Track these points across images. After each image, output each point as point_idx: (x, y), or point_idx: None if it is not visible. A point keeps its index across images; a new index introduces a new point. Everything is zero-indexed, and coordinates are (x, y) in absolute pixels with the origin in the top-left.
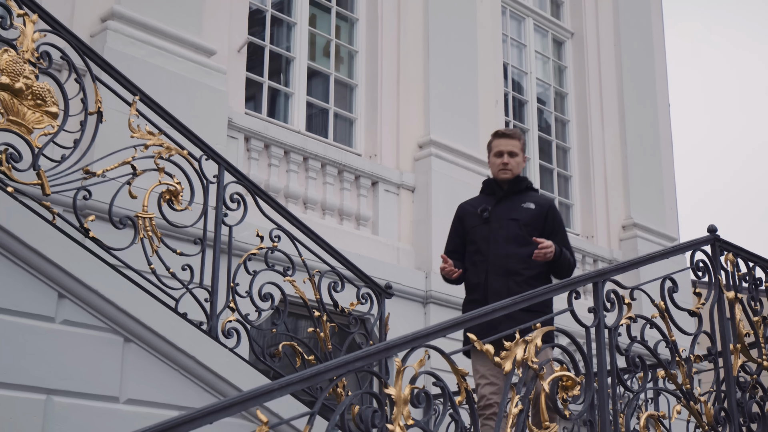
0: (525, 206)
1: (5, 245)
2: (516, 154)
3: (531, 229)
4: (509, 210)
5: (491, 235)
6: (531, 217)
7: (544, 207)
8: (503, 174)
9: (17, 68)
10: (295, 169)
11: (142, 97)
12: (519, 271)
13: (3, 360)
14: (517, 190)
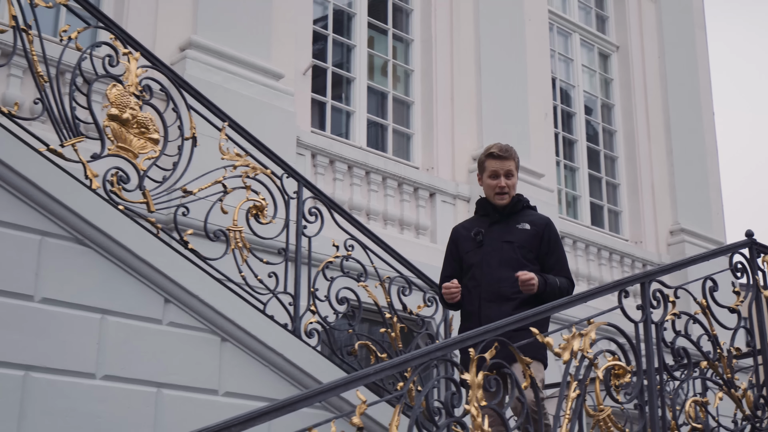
0: (520, 227)
1: (119, 257)
2: (512, 175)
3: (526, 251)
4: (503, 232)
5: (484, 260)
6: (526, 239)
7: (539, 227)
8: (500, 199)
9: (124, 101)
10: (358, 182)
11: (231, 122)
12: (511, 296)
13: (118, 357)
14: (514, 211)
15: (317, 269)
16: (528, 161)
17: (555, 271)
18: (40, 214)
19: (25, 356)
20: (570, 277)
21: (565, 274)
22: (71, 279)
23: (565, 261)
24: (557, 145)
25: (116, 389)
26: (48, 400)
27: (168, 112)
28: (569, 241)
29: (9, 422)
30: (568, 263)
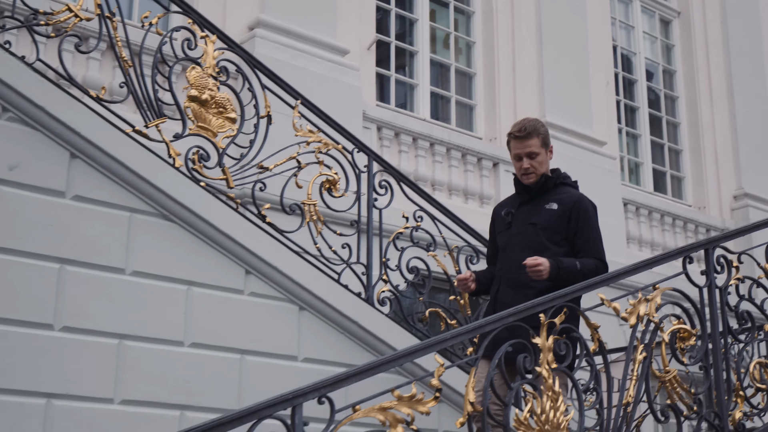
0: (547, 207)
1: (202, 231)
2: (536, 154)
3: (551, 233)
4: (530, 213)
5: (509, 243)
6: (551, 220)
7: (567, 206)
8: (527, 179)
9: (203, 82)
10: (423, 154)
11: (303, 100)
12: (530, 283)
13: (204, 326)
14: (545, 190)
15: (388, 240)
16: (590, 129)
17: (584, 252)
18: (129, 192)
19: (119, 326)
20: (602, 257)
21: (595, 255)
22: (158, 252)
23: (597, 241)
24: (619, 112)
25: (203, 356)
26: (141, 366)
27: (244, 92)
28: (632, 207)
29: (106, 387)
30: (600, 240)
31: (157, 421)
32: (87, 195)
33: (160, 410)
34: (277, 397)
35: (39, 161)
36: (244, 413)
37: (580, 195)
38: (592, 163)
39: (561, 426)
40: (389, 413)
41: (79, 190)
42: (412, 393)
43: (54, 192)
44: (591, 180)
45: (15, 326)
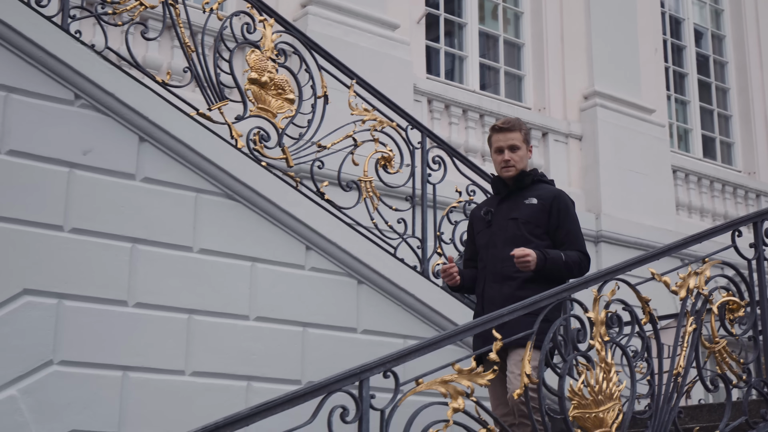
0: (527, 202)
1: (264, 209)
2: (518, 148)
3: (532, 227)
4: (510, 209)
5: (491, 240)
6: (532, 214)
7: (546, 200)
8: (506, 172)
9: (262, 65)
10: (473, 125)
11: (358, 80)
12: (513, 275)
13: (267, 300)
14: (522, 186)
15: (442, 214)
16: (638, 97)
17: (566, 245)
18: (195, 173)
19: (188, 301)
20: (583, 250)
21: (577, 248)
22: (224, 231)
23: (578, 234)
24: (668, 79)
25: (267, 329)
26: (209, 339)
27: (301, 73)
28: (681, 174)
29: (178, 359)
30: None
31: (226, 391)
32: (155, 177)
33: (228, 381)
34: (345, 372)
35: (110, 146)
36: (315, 387)
37: (559, 190)
38: (640, 131)
39: (614, 396)
40: (450, 386)
41: (148, 173)
42: (472, 366)
43: (125, 175)
44: (640, 148)
45: (92, 303)
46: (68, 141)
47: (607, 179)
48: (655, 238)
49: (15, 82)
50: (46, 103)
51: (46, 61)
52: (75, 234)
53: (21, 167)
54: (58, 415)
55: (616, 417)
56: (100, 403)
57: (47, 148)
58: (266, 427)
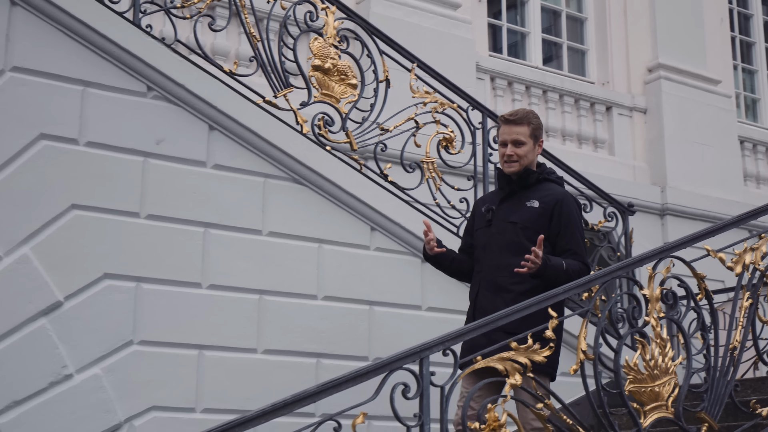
0: (528, 205)
1: (329, 192)
2: (522, 143)
3: (531, 232)
4: (510, 211)
5: (488, 243)
6: (532, 218)
7: (548, 204)
8: (508, 167)
9: (325, 52)
10: (536, 101)
11: (419, 63)
12: (508, 287)
13: (334, 280)
14: (526, 185)
15: None
16: (704, 68)
17: (567, 253)
18: (263, 158)
19: (259, 282)
20: (584, 260)
21: (578, 258)
22: (291, 214)
23: (579, 242)
24: (734, 48)
25: (335, 308)
26: (279, 319)
27: (363, 59)
28: (749, 145)
29: (250, 338)
30: (583, 241)
31: (296, 368)
32: (225, 163)
33: (299, 358)
34: (406, 350)
35: (181, 134)
36: (378, 366)
37: (564, 192)
38: (706, 102)
39: (669, 370)
40: (508, 362)
41: (218, 160)
42: (528, 344)
43: (196, 162)
44: (706, 119)
45: (168, 285)
46: (142, 131)
47: (672, 152)
48: (722, 209)
49: (91, 76)
50: (121, 95)
51: (120, 55)
52: (151, 220)
53: (99, 158)
54: (139, 392)
55: (672, 391)
56: (177, 380)
57: (123, 139)
58: (333, 402)
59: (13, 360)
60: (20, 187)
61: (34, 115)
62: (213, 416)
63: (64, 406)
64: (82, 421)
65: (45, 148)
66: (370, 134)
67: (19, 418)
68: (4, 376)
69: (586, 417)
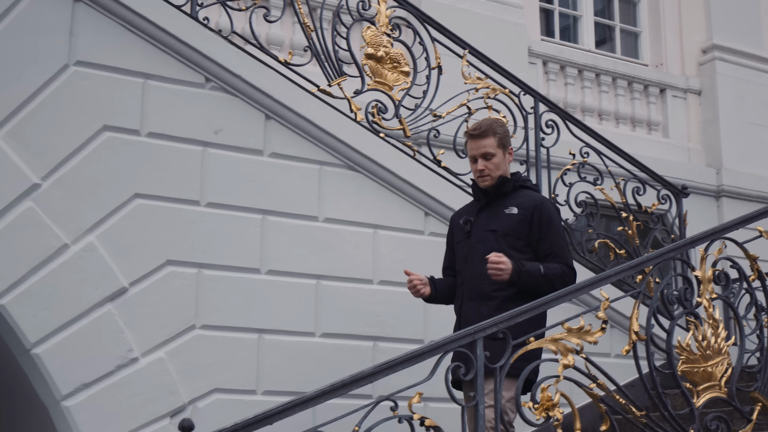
0: (507, 212)
1: (383, 178)
2: (492, 155)
3: (512, 239)
4: (489, 220)
5: (469, 253)
6: (512, 225)
7: (528, 209)
8: (482, 182)
9: (377, 40)
10: (588, 85)
11: (470, 49)
12: (491, 294)
13: (389, 265)
14: (503, 193)
15: (556, 176)
16: (760, 48)
17: (549, 257)
18: (318, 146)
19: (316, 267)
20: (567, 262)
21: (561, 260)
22: (346, 200)
23: (563, 245)
24: None
25: (390, 292)
26: (336, 302)
27: (415, 46)
28: None
29: (307, 322)
30: (565, 244)
31: (354, 351)
32: (282, 152)
33: (356, 341)
34: (460, 332)
35: (239, 124)
36: (433, 347)
37: (541, 198)
38: (762, 83)
39: (722, 351)
40: (560, 343)
41: (274, 148)
42: (581, 325)
43: (253, 151)
44: (762, 100)
45: (228, 271)
46: (201, 122)
47: (727, 133)
48: None
49: (151, 69)
50: (180, 87)
51: (179, 48)
52: (210, 208)
53: (160, 148)
54: (202, 375)
55: (725, 371)
56: (238, 363)
57: (182, 129)
58: (389, 383)
59: (82, 344)
60: (85, 178)
61: (98, 107)
62: (273, 398)
63: (131, 389)
64: (148, 402)
65: (108, 139)
66: (423, 121)
67: (88, 400)
68: (73, 359)
69: (639, 398)
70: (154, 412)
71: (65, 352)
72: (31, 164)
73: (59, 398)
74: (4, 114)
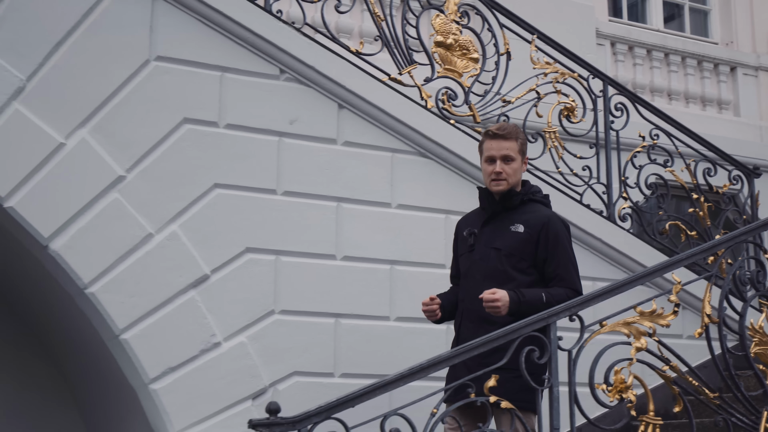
0: (513, 229)
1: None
2: (512, 159)
3: (516, 260)
4: (494, 235)
5: (470, 270)
6: (516, 245)
7: (534, 228)
8: (496, 185)
9: (447, 28)
10: (657, 65)
11: (539, 35)
12: (492, 318)
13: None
14: (510, 206)
15: (626, 159)
16: None
17: (555, 280)
18: (389, 134)
19: (389, 253)
20: (575, 287)
21: (567, 284)
22: (418, 186)
23: (570, 268)
24: None
25: None
26: (410, 287)
27: (484, 33)
28: None
29: (383, 306)
30: (572, 265)
31: (428, 334)
32: (354, 140)
33: (430, 325)
34: (534, 317)
35: (313, 114)
36: (508, 331)
37: (550, 215)
38: None
39: None
40: (633, 327)
41: (347, 137)
42: (653, 308)
43: (327, 140)
44: None
45: (305, 258)
46: (276, 112)
47: None
48: None
49: (228, 62)
50: (256, 79)
51: (254, 41)
52: (287, 196)
53: (237, 139)
54: (282, 358)
55: None
56: (316, 347)
57: (259, 120)
58: None
59: (168, 329)
60: (167, 169)
61: (178, 100)
62: (350, 380)
63: (215, 372)
64: (231, 385)
65: (188, 131)
66: (493, 106)
67: (174, 384)
68: (159, 344)
69: (712, 379)
70: (236, 395)
71: (152, 337)
72: (116, 157)
73: (147, 381)
74: (89, 109)
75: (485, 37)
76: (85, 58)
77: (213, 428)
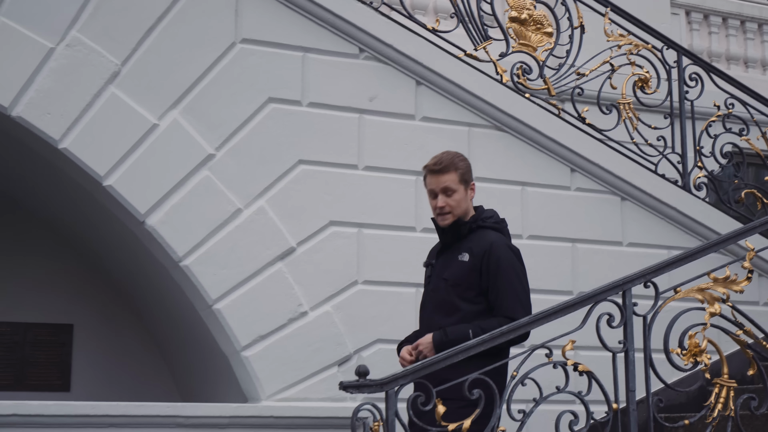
0: (460, 258)
1: (530, 137)
2: (453, 190)
3: (462, 290)
4: (444, 265)
5: (425, 300)
6: (462, 274)
7: (477, 256)
8: (442, 220)
9: (521, 3)
10: (733, 33)
11: (612, 7)
12: None
13: (537, 221)
14: (460, 236)
15: (701, 128)
16: None
17: (495, 309)
18: (466, 109)
19: None
20: (511, 315)
21: (503, 312)
22: (495, 159)
23: (510, 296)
24: None
25: (539, 246)
26: None
27: (558, 7)
28: None
29: None
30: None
31: None
32: (432, 115)
33: None
34: (609, 284)
35: (391, 91)
36: (584, 298)
37: (493, 241)
38: None
39: None
40: (707, 293)
41: (425, 112)
42: (726, 275)
43: (405, 116)
44: None
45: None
46: (356, 90)
47: None
48: None
49: (310, 42)
50: (336, 58)
51: (334, 21)
52: (368, 171)
53: (320, 116)
54: (365, 327)
55: None
56: (399, 315)
57: (340, 98)
58: (543, 332)
59: (257, 299)
60: (254, 147)
61: (263, 81)
62: None
63: (302, 340)
64: (317, 352)
65: (273, 110)
66: (567, 80)
67: (264, 351)
68: (249, 314)
69: None
70: (323, 361)
71: (242, 307)
72: (205, 136)
73: (239, 349)
74: (180, 91)
75: (559, 11)
76: (175, 42)
77: (301, 393)
